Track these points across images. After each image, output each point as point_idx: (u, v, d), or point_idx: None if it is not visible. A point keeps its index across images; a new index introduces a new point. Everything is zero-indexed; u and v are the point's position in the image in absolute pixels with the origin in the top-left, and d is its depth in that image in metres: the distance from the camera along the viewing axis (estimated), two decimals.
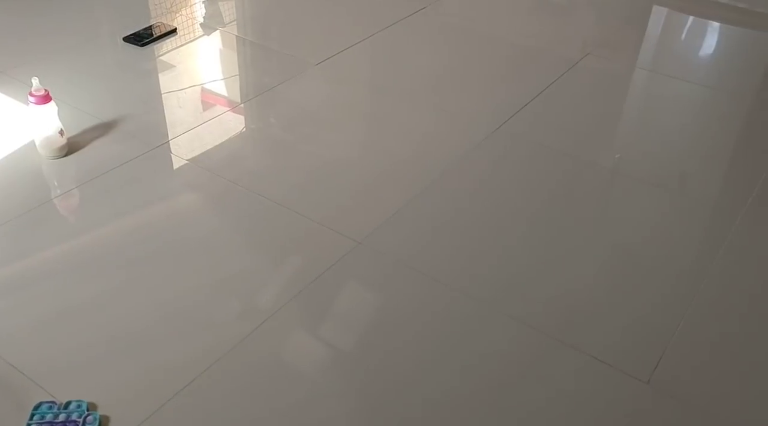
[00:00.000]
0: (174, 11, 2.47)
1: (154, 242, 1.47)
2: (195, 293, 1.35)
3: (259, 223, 1.54)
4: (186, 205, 1.60)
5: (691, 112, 2.04)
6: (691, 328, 1.31)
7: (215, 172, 1.68)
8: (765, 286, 1.42)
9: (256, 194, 1.61)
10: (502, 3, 2.64)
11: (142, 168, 1.69)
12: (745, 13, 2.66)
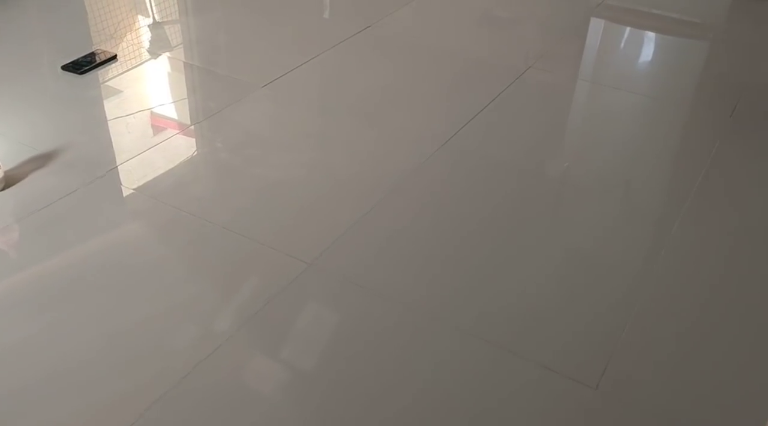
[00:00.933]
0: (117, 37, 2.44)
1: (98, 274, 1.44)
2: (145, 323, 1.32)
3: (208, 249, 1.52)
4: (130, 235, 1.57)
5: (631, 121, 2.10)
6: (637, 332, 1.34)
7: (160, 200, 1.66)
8: (704, 287, 1.46)
9: (203, 220, 1.59)
10: (447, 19, 2.69)
11: (84, 199, 1.65)
12: (678, 22, 2.76)
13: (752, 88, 2.24)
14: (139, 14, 2.68)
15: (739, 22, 2.76)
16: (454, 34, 2.57)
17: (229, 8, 2.74)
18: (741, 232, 1.62)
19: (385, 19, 2.64)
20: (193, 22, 2.63)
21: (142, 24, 2.60)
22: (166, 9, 2.74)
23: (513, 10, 2.82)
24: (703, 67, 2.50)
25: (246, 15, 2.67)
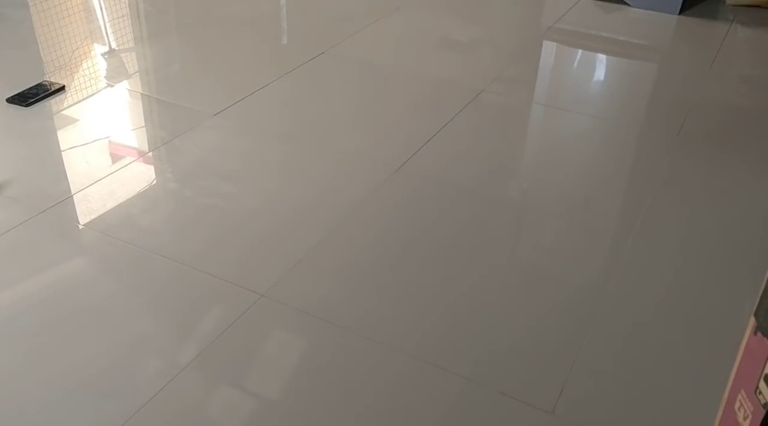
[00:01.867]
0: (69, 67, 2.40)
1: (46, 313, 1.39)
2: (97, 360, 1.28)
3: (159, 284, 1.48)
4: (76, 271, 1.53)
5: (584, 142, 2.13)
6: (591, 353, 1.34)
7: (108, 233, 1.62)
8: (656, 305, 1.48)
9: (154, 254, 1.56)
10: (403, 43, 2.71)
11: (28, 235, 1.60)
12: (626, 44, 2.83)
13: (698, 107, 2.30)
14: (94, 42, 2.64)
15: (683, 43, 2.84)
16: (410, 58, 2.59)
17: (185, 36, 2.72)
18: (691, 248, 1.65)
19: (341, 44, 2.65)
20: (149, 51, 2.60)
21: (97, 53, 2.57)
22: (122, 37, 2.70)
23: (468, 34, 2.86)
24: (651, 87, 2.56)
25: (202, 42, 2.66)
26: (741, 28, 2.90)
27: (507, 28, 2.97)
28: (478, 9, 3.18)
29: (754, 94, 2.42)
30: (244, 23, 2.82)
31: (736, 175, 1.94)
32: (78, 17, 2.81)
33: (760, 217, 1.74)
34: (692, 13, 3.00)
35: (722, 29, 2.87)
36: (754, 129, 2.19)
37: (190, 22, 2.83)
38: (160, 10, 2.94)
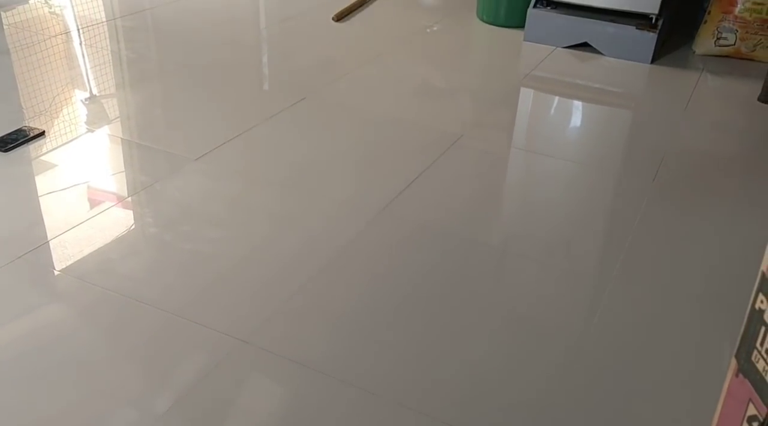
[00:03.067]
0: (50, 112, 2.39)
1: (20, 363, 1.35)
2: (72, 412, 1.24)
3: (136, 330, 1.46)
4: (54, 320, 1.50)
5: (562, 187, 2.16)
6: (574, 399, 1.33)
7: (85, 280, 1.59)
8: (640, 349, 1.48)
9: (133, 300, 1.54)
10: (383, 89, 2.75)
11: (3, 282, 1.57)
12: (601, 91, 2.90)
13: (672, 153, 2.35)
14: (75, 88, 2.64)
15: (656, 91, 2.92)
16: (391, 104, 2.63)
17: (167, 81, 2.74)
18: (670, 291, 1.66)
19: (323, 89, 2.68)
20: (130, 97, 2.61)
21: (78, 98, 2.57)
22: (104, 83, 2.71)
23: (448, 81, 2.91)
24: (626, 133, 2.61)
25: (184, 88, 2.67)
26: (710, 76, 2.99)
27: (485, 75, 3.04)
28: (456, 57, 3.26)
29: (725, 140, 2.48)
30: (227, 70, 2.85)
31: (711, 219, 1.97)
32: (60, 64, 2.82)
33: (736, 260, 1.77)
34: (663, 62, 3.10)
35: (693, 78, 2.96)
36: (727, 174, 2.24)
37: (172, 69, 2.85)
38: (142, 57, 2.97)
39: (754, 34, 2.99)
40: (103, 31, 3.17)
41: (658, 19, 3.01)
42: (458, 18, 3.63)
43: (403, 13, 3.66)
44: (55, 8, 3.43)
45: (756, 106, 2.69)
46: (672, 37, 3.31)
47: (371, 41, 3.25)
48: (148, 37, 3.21)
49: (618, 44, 3.08)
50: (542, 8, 3.23)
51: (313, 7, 3.62)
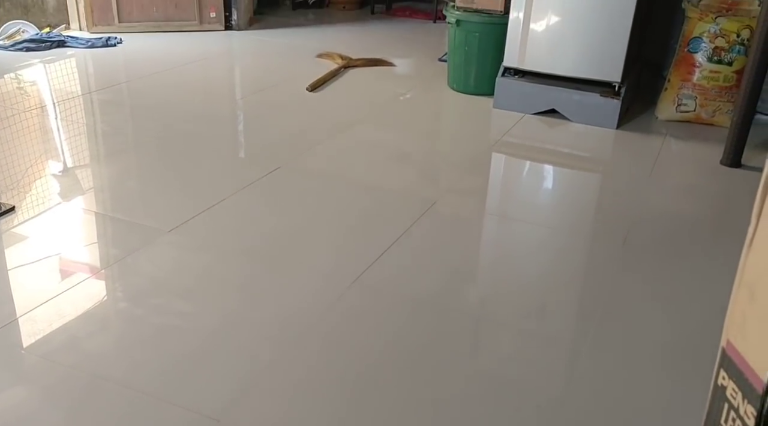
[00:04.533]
0: (19, 187, 2.38)
1: None
2: None
3: (102, 411, 1.41)
4: (17, 402, 1.45)
5: (534, 252, 2.19)
6: None
7: (52, 359, 1.55)
8: (614, 415, 1.47)
9: (100, 379, 1.50)
10: (357, 157, 2.79)
11: None
12: (569, 156, 2.97)
13: (641, 216, 2.40)
14: (49, 161, 2.65)
15: (622, 155, 3.01)
16: (365, 172, 2.66)
17: (142, 153, 2.76)
18: (643, 356, 1.67)
19: (296, 160, 2.71)
20: (105, 169, 2.62)
21: (52, 171, 2.57)
22: (78, 156, 2.72)
23: (420, 147, 2.97)
24: (596, 197, 2.67)
25: (159, 160, 2.69)
26: (674, 141, 3.09)
27: (457, 141, 3.11)
28: (429, 124, 3.33)
29: (691, 203, 2.54)
30: (202, 141, 2.88)
31: (681, 284, 2.00)
32: (34, 137, 2.83)
33: (705, 326, 1.78)
34: (628, 128, 3.20)
35: (657, 142, 3.06)
36: (694, 237, 2.29)
37: (147, 141, 2.87)
38: (117, 130, 2.99)
39: (712, 100, 3.11)
40: (79, 104, 3.20)
41: (621, 86, 3.12)
42: (429, 87, 3.73)
43: (375, 82, 3.75)
44: (24, 84, 3.46)
45: (719, 170, 2.77)
46: (635, 103, 3.43)
47: (345, 110, 3.32)
48: (123, 110, 3.25)
49: (584, 111, 3.18)
50: (510, 77, 3.34)
51: (287, 78, 3.71)
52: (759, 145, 2.99)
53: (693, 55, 3.09)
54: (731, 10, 3.06)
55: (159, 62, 3.82)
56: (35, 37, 3.86)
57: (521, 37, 3.22)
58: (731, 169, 2.76)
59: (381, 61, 4.05)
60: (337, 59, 3.97)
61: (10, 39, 3.82)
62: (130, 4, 4.24)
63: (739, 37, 2.97)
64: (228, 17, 4.55)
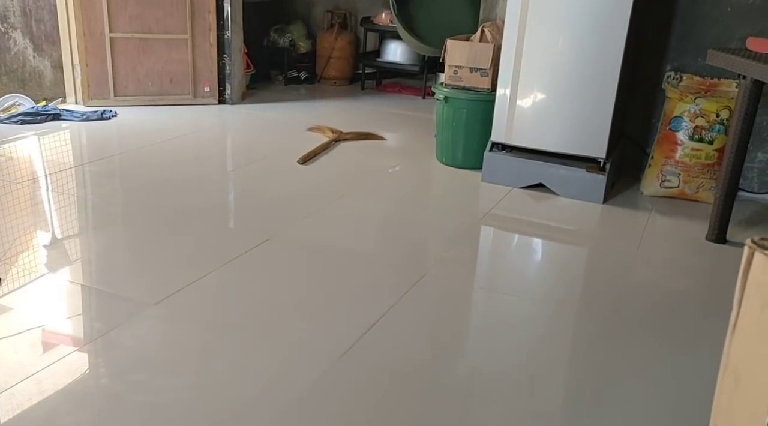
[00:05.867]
0: (5, 258, 2.36)
1: None
2: None
3: None
4: None
5: (524, 326, 2.17)
6: None
7: None
8: None
9: None
10: (344, 231, 2.80)
11: None
12: (556, 230, 3.00)
13: (629, 290, 2.41)
14: (38, 232, 2.64)
15: (609, 229, 3.04)
16: (354, 244, 2.67)
17: (131, 225, 2.76)
18: None
19: (285, 231, 2.72)
20: (93, 240, 2.61)
21: (40, 243, 2.56)
22: (67, 227, 2.72)
23: (410, 220, 2.99)
24: (584, 271, 2.68)
25: (148, 231, 2.69)
26: (659, 216, 3.13)
27: (446, 214, 3.14)
28: (418, 197, 3.37)
29: (678, 278, 2.56)
30: (192, 213, 2.89)
31: (670, 360, 1.98)
32: (23, 208, 2.83)
33: (696, 403, 1.76)
34: (615, 202, 3.25)
35: (643, 217, 3.10)
36: (683, 313, 2.29)
37: (137, 213, 2.88)
38: (108, 201, 3.00)
39: (695, 177, 3.18)
40: (71, 175, 3.22)
41: (606, 162, 3.19)
42: (419, 160, 3.80)
43: (365, 155, 3.82)
44: (17, 156, 3.50)
45: (705, 246, 2.80)
46: (621, 177, 3.49)
47: (335, 182, 3.36)
48: (114, 181, 3.27)
49: (570, 185, 3.24)
50: (498, 152, 3.41)
51: (278, 151, 3.76)
52: (743, 221, 3.04)
53: (675, 133, 3.18)
54: (710, 91, 3.17)
55: (152, 135, 3.88)
56: (31, 110, 3.92)
57: (508, 113, 3.31)
58: (717, 245, 2.79)
59: (371, 135, 4.14)
60: (328, 133, 4.04)
61: (6, 112, 3.88)
62: (127, 79, 4.34)
63: (718, 117, 3.07)
64: (222, 92, 4.65)
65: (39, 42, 4.50)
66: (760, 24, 3.12)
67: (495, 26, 3.58)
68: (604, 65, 3.05)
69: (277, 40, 5.45)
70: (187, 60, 4.44)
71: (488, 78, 3.49)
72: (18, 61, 4.41)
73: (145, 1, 4.22)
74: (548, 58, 3.16)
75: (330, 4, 5.74)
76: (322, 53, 5.61)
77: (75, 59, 4.22)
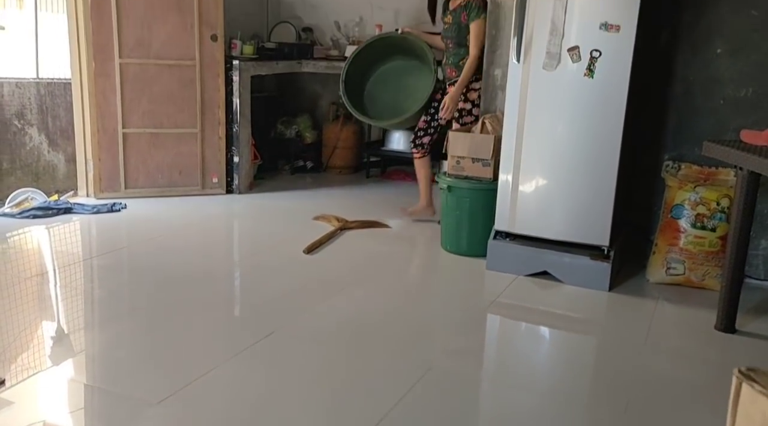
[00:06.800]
0: (8, 355, 2.36)
1: None
2: None
3: None
4: None
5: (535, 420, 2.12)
6: None
7: None
8: None
9: None
10: (349, 321, 2.78)
11: None
12: (563, 318, 2.97)
13: (640, 381, 2.36)
14: (43, 330, 2.64)
15: (616, 318, 3.01)
16: (359, 335, 2.64)
17: (136, 319, 2.75)
18: None
19: (290, 324, 2.70)
20: (98, 336, 2.60)
21: (44, 340, 2.55)
22: (73, 323, 2.71)
23: (416, 308, 2.98)
24: (592, 361, 2.64)
25: (153, 326, 2.68)
26: (667, 304, 3.11)
27: (452, 302, 3.12)
28: (423, 286, 3.37)
29: (689, 369, 2.51)
30: (197, 305, 2.89)
31: None
32: (31, 304, 2.84)
33: None
34: (621, 290, 3.23)
35: (650, 305, 3.08)
36: (694, 405, 2.24)
37: (142, 306, 2.88)
38: (114, 295, 3.01)
39: (701, 264, 3.17)
40: (79, 270, 3.25)
41: (610, 250, 3.20)
42: (424, 248, 3.82)
43: (371, 244, 3.84)
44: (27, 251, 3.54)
45: (714, 335, 2.77)
46: (626, 264, 3.49)
47: (340, 272, 3.37)
48: (121, 275, 3.29)
49: (575, 273, 3.23)
50: (502, 240, 3.43)
51: (284, 240, 3.80)
52: (752, 309, 3.01)
53: (677, 220, 3.21)
54: (709, 180, 3.22)
55: (160, 226, 3.94)
56: (43, 204, 4.00)
57: (510, 201, 3.35)
58: (726, 334, 2.75)
59: (376, 224, 4.18)
60: (334, 222, 4.09)
61: (19, 207, 3.96)
62: (137, 172, 4.44)
63: (719, 205, 3.10)
64: (229, 182, 4.75)
65: (54, 137, 4.65)
66: (754, 115, 3.20)
67: (495, 118, 3.69)
68: (603, 153, 3.12)
69: (284, 132, 5.61)
70: (197, 153, 4.57)
71: (490, 168, 3.56)
72: (33, 155, 4.54)
73: (158, 98, 4.39)
74: (548, 147, 3.24)
75: (335, 96, 5.93)
76: (327, 143, 5.75)
77: (88, 154, 4.34)
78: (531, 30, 3.16)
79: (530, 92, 3.21)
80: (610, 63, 3.04)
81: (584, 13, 3.06)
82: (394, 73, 4.74)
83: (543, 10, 3.12)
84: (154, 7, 4.27)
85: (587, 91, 3.10)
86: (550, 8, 3.10)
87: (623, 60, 3.02)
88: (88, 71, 4.21)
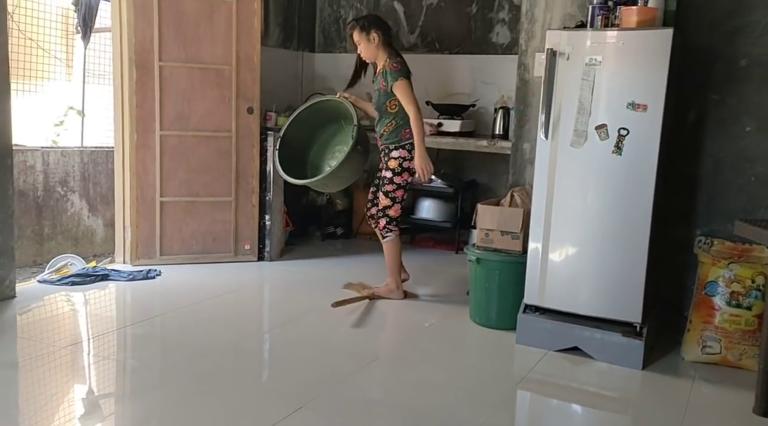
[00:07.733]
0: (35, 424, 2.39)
1: None
2: None
3: None
4: None
5: None
6: None
7: None
8: None
9: None
10: (378, 395, 2.76)
11: None
12: (596, 396, 2.91)
13: None
14: (75, 402, 2.67)
15: (651, 398, 2.93)
16: (389, 410, 2.62)
17: (167, 391, 2.76)
18: None
19: (320, 398, 2.69)
20: (128, 408, 2.63)
21: (76, 414, 2.58)
22: (104, 394, 2.75)
23: (446, 383, 2.95)
24: None
25: (183, 398, 2.69)
26: (704, 384, 3.02)
27: (482, 378, 3.08)
28: (452, 359, 3.33)
29: None
30: (227, 377, 2.91)
31: None
32: (64, 374, 2.89)
33: None
34: (655, 369, 3.15)
35: (686, 386, 3.00)
36: None
37: (173, 378, 2.91)
38: (146, 366, 3.04)
39: (737, 343, 3.10)
40: (113, 339, 3.31)
41: (642, 327, 3.15)
42: (452, 319, 3.79)
43: (400, 314, 3.84)
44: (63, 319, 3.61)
45: (752, 419, 2.68)
46: (660, 341, 3.42)
47: (369, 343, 3.37)
48: (154, 344, 3.33)
49: (607, 350, 3.18)
50: (531, 314, 3.41)
51: (314, 309, 3.81)
52: None
53: (711, 298, 3.16)
54: (743, 257, 3.18)
55: (194, 294, 4.00)
56: (81, 272, 4.10)
57: (540, 275, 3.34)
58: (764, 419, 2.66)
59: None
60: (362, 291, 4.11)
61: (59, 273, 4.07)
62: (172, 239, 4.55)
63: (754, 283, 3.05)
64: (261, 249, 4.82)
65: (94, 203, 4.81)
66: None
67: (524, 191, 3.72)
68: (633, 229, 3.10)
69: (316, 199, 5.70)
70: (230, 220, 4.66)
71: (519, 240, 3.57)
72: (73, 221, 4.70)
73: (195, 168, 4.52)
74: (577, 222, 3.24)
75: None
76: (358, 210, 5.82)
77: (126, 222, 4.47)
78: (559, 108, 3.22)
79: (559, 167, 3.25)
80: (639, 141, 3.07)
81: (612, 92, 3.11)
82: (330, 136, 4.72)
83: (570, 89, 3.19)
84: (194, 83, 4.46)
85: (616, 167, 3.13)
86: (577, 88, 3.16)
87: (651, 138, 3.04)
88: (131, 142, 4.37)
